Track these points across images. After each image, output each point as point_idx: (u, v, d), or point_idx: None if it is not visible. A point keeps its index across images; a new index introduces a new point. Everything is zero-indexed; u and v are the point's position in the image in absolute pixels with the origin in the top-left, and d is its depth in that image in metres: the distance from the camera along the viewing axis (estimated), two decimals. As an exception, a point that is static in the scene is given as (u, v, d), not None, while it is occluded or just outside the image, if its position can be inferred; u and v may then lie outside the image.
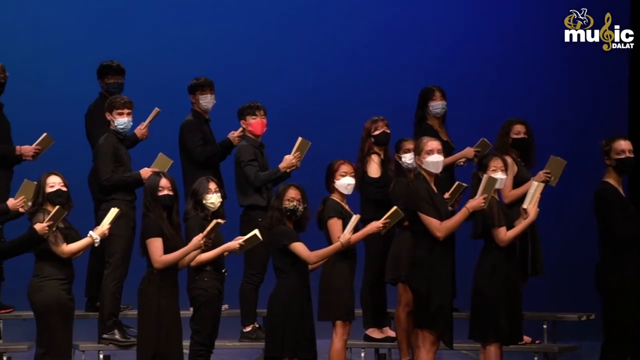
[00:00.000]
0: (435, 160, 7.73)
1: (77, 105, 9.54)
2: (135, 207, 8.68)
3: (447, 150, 8.80)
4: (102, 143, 8.70)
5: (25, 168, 9.05)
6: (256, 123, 9.11)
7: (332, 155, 8.45)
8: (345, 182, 8.17)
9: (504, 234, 7.76)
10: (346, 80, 11.38)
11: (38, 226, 7.21)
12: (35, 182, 7.57)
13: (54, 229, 7.30)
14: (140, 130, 9.20)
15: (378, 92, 11.32)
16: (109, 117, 8.73)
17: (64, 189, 7.47)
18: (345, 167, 8.19)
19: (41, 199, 7.46)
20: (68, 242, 7.39)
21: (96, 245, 7.51)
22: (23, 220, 7.91)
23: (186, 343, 7.79)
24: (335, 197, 8.17)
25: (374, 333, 9.11)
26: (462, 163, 9.41)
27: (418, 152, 7.79)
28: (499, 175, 7.89)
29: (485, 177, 7.73)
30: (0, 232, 7.35)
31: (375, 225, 7.90)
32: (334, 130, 10.99)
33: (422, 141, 7.80)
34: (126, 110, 8.71)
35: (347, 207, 8.16)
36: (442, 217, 7.63)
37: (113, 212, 7.57)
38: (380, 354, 9.36)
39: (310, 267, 7.78)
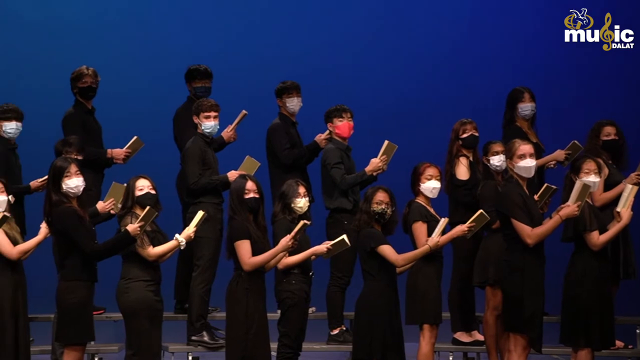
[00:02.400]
0: (527, 165, 7.63)
1: (166, 108, 9.63)
2: (223, 209, 8.73)
3: (536, 153, 8.67)
4: (189, 146, 8.76)
5: (115, 171, 9.18)
6: (343, 126, 9.11)
7: (419, 157, 8.40)
8: (430, 186, 8.11)
9: (596, 238, 7.64)
10: (433, 82, 11.32)
11: (130, 227, 7.28)
12: (124, 185, 7.64)
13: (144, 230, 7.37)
14: (228, 133, 9.26)
15: (465, 94, 11.25)
16: (196, 120, 8.80)
17: (153, 192, 7.54)
18: (431, 170, 8.13)
19: (130, 202, 7.53)
20: (154, 245, 7.45)
21: (182, 248, 7.55)
22: (111, 222, 8.06)
23: (273, 345, 7.80)
24: (420, 200, 8.12)
25: (462, 336, 9.04)
26: (552, 165, 9.30)
27: (510, 155, 7.69)
28: (592, 178, 7.76)
29: (578, 183, 7.59)
30: (94, 234, 7.43)
31: (460, 229, 7.84)
32: (421, 132, 10.94)
33: (514, 145, 7.70)
34: (213, 114, 8.77)
35: (432, 210, 8.10)
36: (534, 221, 7.52)
37: (199, 215, 7.61)
38: (469, 358, 9.29)
39: (397, 270, 7.75)
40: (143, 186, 7.53)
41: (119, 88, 10.54)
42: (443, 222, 7.81)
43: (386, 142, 8.93)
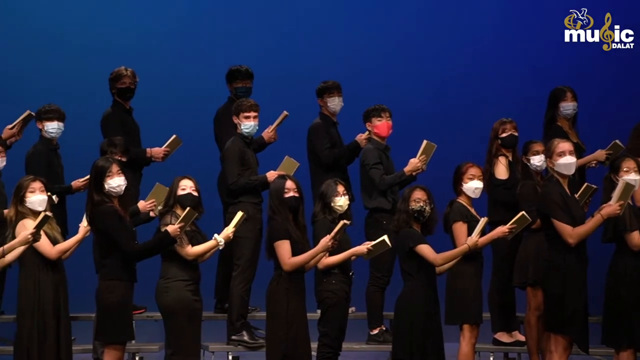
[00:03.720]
0: (567, 162, 7.58)
1: (207, 109, 9.66)
2: (262, 209, 8.75)
3: (577, 152, 8.61)
4: (229, 146, 8.79)
5: (154, 171, 9.23)
6: (382, 125, 9.09)
7: (458, 157, 8.37)
8: (473, 186, 8.08)
9: (637, 239, 7.58)
10: (472, 81, 11.28)
11: (170, 228, 7.31)
12: (167, 188, 7.68)
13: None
14: (268, 133, 9.27)
15: (505, 93, 11.20)
16: (235, 120, 8.82)
17: (195, 193, 7.56)
18: (473, 170, 8.10)
19: (172, 201, 7.56)
20: (193, 245, 7.48)
21: (220, 248, 7.57)
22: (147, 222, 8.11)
23: (313, 345, 7.81)
24: (461, 200, 8.08)
25: (502, 337, 8.99)
26: (593, 165, 9.23)
27: (549, 154, 7.64)
28: (633, 176, 7.69)
29: (621, 182, 7.51)
30: (134, 234, 7.48)
31: (501, 230, 7.79)
32: (460, 132, 10.90)
33: (553, 143, 7.66)
34: (252, 114, 8.78)
35: (473, 210, 8.06)
36: (575, 221, 7.46)
37: (238, 215, 7.63)
38: (510, 358, 9.23)
39: (437, 269, 7.72)
40: (186, 186, 7.57)
41: (158, 88, 10.58)
42: (482, 221, 7.77)
43: (425, 141, 8.90)
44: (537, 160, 8.56)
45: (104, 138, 8.95)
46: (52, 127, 8.85)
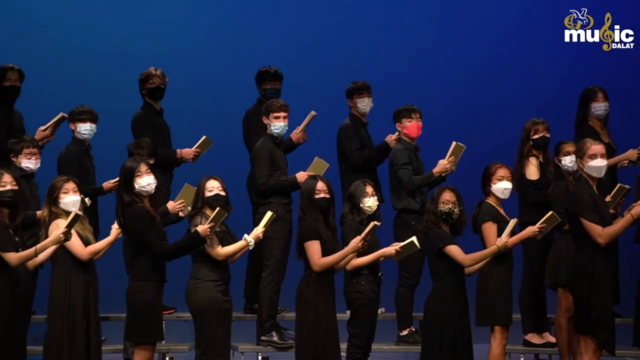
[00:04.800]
0: (598, 165, 7.53)
1: (236, 110, 9.69)
2: (292, 210, 8.76)
3: (609, 153, 8.57)
4: (258, 147, 8.80)
5: (185, 171, 9.26)
6: (412, 126, 9.08)
7: (488, 158, 8.34)
8: (502, 187, 8.05)
9: None
10: (502, 82, 11.24)
11: (200, 228, 7.33)
12: (196, 188, 7.70)
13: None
14: (296, 134, 9.28)
15: (536, 93, 11.16)
16: (265, 121, 8.84)
17: (223, 193, 7.58)
18: (502, 171, 8.07)
19: (200, 202, 7.58)
20: (223, 246, 7.50)
21: (250, 248, 7.59)
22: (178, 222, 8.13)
23: (343, 346, 7.81)
24: (491, 200, 8.06)
25: (533, 338, 8.95)
26: (626, 164, 9.18)
27: (580, 155, 7.60)
28: None
29: None
30: (164, 234, 7.50)
31: (531, 230, 7.76)
32: (490, 132, 10.86)
33: (586, 144, 7.61)
34: (282, 114, 8.79)
35: (502, 211, 8.03)
36: (604, 222, 7.42)
37: (268, 215, 7.64)
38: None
39: (466, 270, 7.70)
40: (213, 187, 7.58)
41: (188, 88, 10.62)
42: (512, 222, 7.74)
43: (454, 143, 8.88)
44: (568, 161, 8.52)
45: (135, 139, 9.00)
46: (85, 129, 8.91)
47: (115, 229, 7.53)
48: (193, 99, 10.84)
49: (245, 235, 7.55)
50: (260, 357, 8.90)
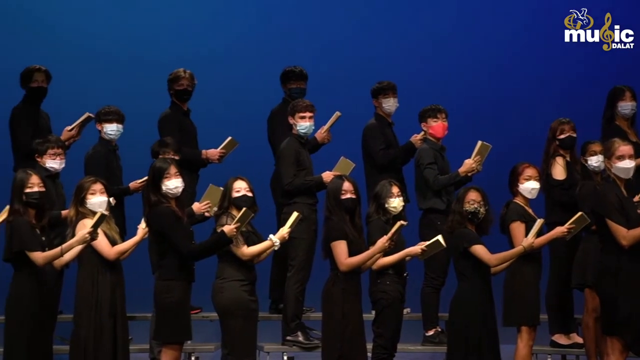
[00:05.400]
0: (625, 167, 7.48)
1: (260, 110, 9.69)
2: (317, 210, 8.75)
3: (636, 152, 8.53)
4: (284, 147, 8.80)
5: (210, 172, 9.27)
6: (437, 126, 9.06)
7: (514, 157, 8.32)
8: (529, 186, 8.02)
9: None
10: (528, 81, 11.20)
11: (227, 228, 7.33)
12: (221, 188, 7.70)
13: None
14: (321, 134, 9.27)
15: (562, 92, 11.12)
16: (291, 121, 8.84)
17: (249, 194, 7.58)
18: (530, 171, 8.04)
19: (227, 203, 7.59)
20: (249, 246, 7.50)
21: (276, 248, 7.59)
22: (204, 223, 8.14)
23: (368, 346, 7.79)
24: (518, 200, 8.03)
25: (560, 339, 8.91)
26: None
27: (608, 155, 7.55)
28: None
29: None
30: (191, 235, 7.51)
31: (560, 231, 7.73)
32: (516, 131, 10.83)
33: (614, 145, 7.55)
34: (308, 114, 8.80)
35: (530, 210, 8.00)
36: (630, 223, 7.37)
37: (294, 216, 7.63)
38: (567, 360, 9.18)
39: (492, 270, 7.68)
40: (240, 188, 7.59)
41: (213, 89, 10.63)
42: (539, 222, 7.71)
43: (479, 142, 8.86)
44: (594, 161, 8.48)
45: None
46: (111, 129, 8.93)
47: (141, 229, 7.55)
48: (219, 99, 10.84)
49: (271, 236, 7.55)
50: (285, 357, 8.90)
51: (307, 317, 9.11)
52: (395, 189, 7.88)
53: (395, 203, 7.86)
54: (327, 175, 8.61)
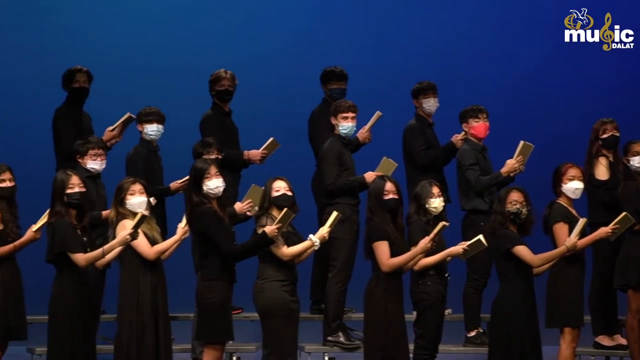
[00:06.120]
0: None
1: (300, 110, 9.70)
2: (359, 210, 8.74)
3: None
4: (326, 147, 8.80)
5: (252, 172, 9.28)
6: (479, 126, 9.03)
7: (557, 157, 8.27)
8: (573, 186, 7.97)
9: None
10: (571, 80, 11.13)
11: (268, 229, 7.33)
12: (262, 188, 7.71)
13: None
14: (362, 134, 9.26)
15: (604, 92, 11.04)
16: (333, 121, 8.83)
17: (289, 193, 7.58)
18: (573, 171, 8.00)
19: (267, 203, 7.59)
20: (289, 246, 7.50)
21: (315, 248, 7.57)
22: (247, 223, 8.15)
23: (410, 347, 7.77)
24: (562, 201, 7.98)
25: (604, 340, 8.86)
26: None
27: None
28: None
29: None
30: (232, 235, 7.53)
31: (604, 231, 7.68)
32: (559, 131, 10.77)
33: None
34: (350, 114, 8.80)
35: (574, 211, 7.95)
36: None
37: (333, 215, 7.62)
38: (610, 362, 9.10)
39: (535, 271, 7.64)
40: (279, 187, 7.58)
41: (255, 90, 10.65)
42: (582, 222, 7.67)
43: (522, 142, 8.82)
44: (636, 161, 8.44)
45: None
46: (152, 129, 8.97)
47: (181, 228, 7.56)
48: (261, 100, 10.86)
49: (311, 236, 7.54)
50: (326, 358, 8.91)
51: (349, 317, 9.11)
52: (435, 190, 7.85)
53: (436, 204, 7.83)
54: (370, 176, 8.60)
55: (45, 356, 7.80)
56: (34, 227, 7.76)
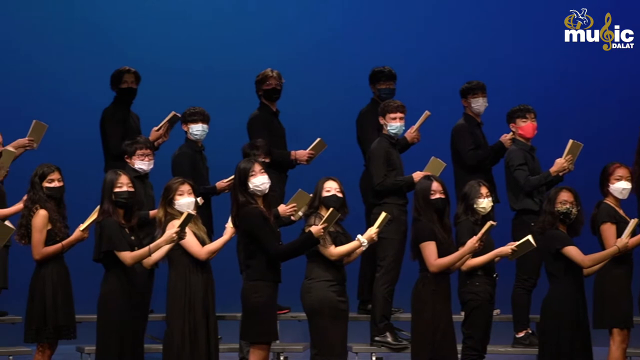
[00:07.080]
0: None
1: (349, 110, 9.69)
2: (407, 211, 8.72)
3: None
4: (375, 147, 8.79)
5: (299, 172, 9.29)
6: (527, 126, 8.98)
7: (607, 157, 8.20)
8: (620, 187, 7.91)
9: None
10: (619, 79, 11.04)
11: (314, 229, 7.33)
12: (309, 194, 7.71)
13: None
14: (411, 133, 9.24)
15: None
16: (382, 121, 8.82)
17: (340, 194, 7.57)
18: (621, 171, 7.94)
19: (317, 202, 7.58)
20: (336, 246, 7.48)
21: (363, 249, 7.55)
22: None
23: (458, 347, 7.73)
24: (609, 201, 7.92)
25: (655, 342, 8.77)
26: None
27: None
28: None
29: None
30: (278, 235, 7.53)
31: (654, 231, 7.60)
32: (608, 130, 10.68)
33: None
34: (399, 115, 8.79)
35: (621, 211, 7.89)
36: None
37: (382, 216, 7.60)
38: (661, 364, 8.99)
39: (585, 272, 7.58)
40: (330, 188, 7.58)
41: (302, 90, 10.66)
42: (633, 223, 7.60)
43: (571, 141, 8.77)
44: None
45: (250, 140, 9.06)
46: (197, 129, 9.00)
47: (229, 228, 7.58)
48: (308, 101, 10.87)
49: (359, 236, 7.52)
50: (374, 358, 8.90)
51: (396, 317, 9.09)
52: (484, 190, 7.81)
53: (484, 204, 7.79)
54: (418, 175, 8.58)
55: (94, 355, 7.84)
56: (82, 227, 7.81)
